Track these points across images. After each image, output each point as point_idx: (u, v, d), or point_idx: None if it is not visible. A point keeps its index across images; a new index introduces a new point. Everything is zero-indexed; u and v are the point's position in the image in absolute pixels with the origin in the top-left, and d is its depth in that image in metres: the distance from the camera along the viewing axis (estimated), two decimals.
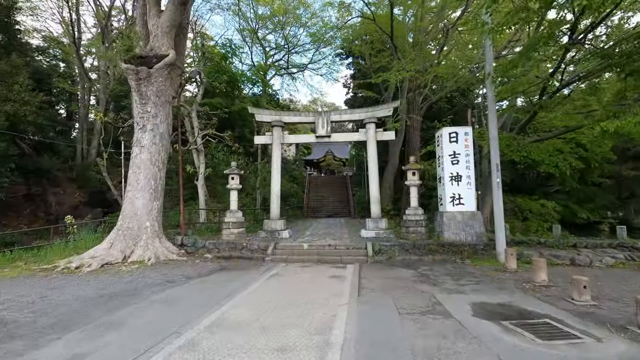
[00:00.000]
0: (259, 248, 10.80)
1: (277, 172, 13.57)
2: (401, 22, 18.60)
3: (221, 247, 11.00)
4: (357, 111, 13.53)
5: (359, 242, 11.08)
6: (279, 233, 12.79)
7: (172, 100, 11.49)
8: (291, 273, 8.34)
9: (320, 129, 13.42)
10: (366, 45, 24.98)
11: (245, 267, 9.33)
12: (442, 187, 11.26)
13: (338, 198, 29.91)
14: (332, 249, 10.57)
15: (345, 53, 35.02)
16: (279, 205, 13.52)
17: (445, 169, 11.02)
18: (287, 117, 13.71)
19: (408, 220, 11.50)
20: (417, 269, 8.71)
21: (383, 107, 13.38)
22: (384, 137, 13.43)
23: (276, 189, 13.50)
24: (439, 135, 11.61)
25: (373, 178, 13.12)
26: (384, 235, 12.32)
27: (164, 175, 11.23)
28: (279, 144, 13.62)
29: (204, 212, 14.65)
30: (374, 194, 13.02)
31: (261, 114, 13.76)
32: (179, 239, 11.29)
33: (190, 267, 9.21)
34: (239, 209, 13.78)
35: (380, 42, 22.78)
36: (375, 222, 12.66)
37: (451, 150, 11.04)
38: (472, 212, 10.78)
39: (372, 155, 13.21)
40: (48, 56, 31.99)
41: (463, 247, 10.21)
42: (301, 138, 14.39)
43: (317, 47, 38.22)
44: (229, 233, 11.86)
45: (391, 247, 10.44)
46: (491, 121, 9.90)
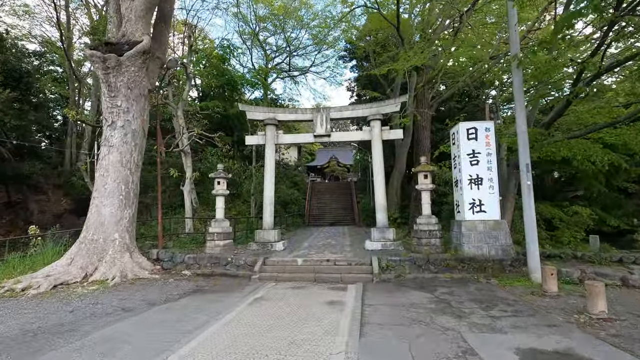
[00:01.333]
0: (246, 264, 9.26)
1: (271, 176, 12.09)
2: (408, 22, 17.23)
3: (202, 262, 9.48)
4: (360, 107, 12.04)
5: (363, 256, 9.50)
6: (271, 245, 11.25)
7: (149, 94, 10.10)
8: (278, 297, 6.78)
9: (319, 127, 11.94)
10: (370, 44, 23.70)
11: (226, 287, 7.78)
12: (459, 191, 9.68)
13: (341, 205, 28.32)
14: (331, 265, 8.98)
15: (349, 55, 33.80)
16: (272, 212, 12.00)
17: (463, 171, 9.45)
18: (281, 115, 12.26)
19: (420, 230, 9.90)
20: (433, 292, 7.10)
21: (389, 102, 11.88)
22: (391, 135, 11.90)
23: (269, 194, 12.00)
24: (454, 132, 10.06)
25: (379, 182, 11.57)
26: (392, 248, 10.72)
27: (138, 180, 9.79)
28: (272, 145, 12.15)
29: (190, 221, 13.15)
30: (380, 201, 11.46)
31: (253, 112, 12.32)
32: (155, 252, 9.80)
33: (160, 288, 7.68)
34: (230, 218, 12.33)
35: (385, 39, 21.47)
36: (382, 232, 11.08)
37: (470, 149, 9.47)
38: (495, 221, 9.16)
39: (377, 156, 11.68)
40: (45, 60, 31.23)
41: (487, 263, 8.58)
42: (298, 138, 12.90)
43: (320, 49, 37.09)
44: (214, 245, 10.35)
45: (401, 263, 8.85)
46: (519, 112, 8.33)
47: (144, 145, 10.00)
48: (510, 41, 8.81)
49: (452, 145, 10.36)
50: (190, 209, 13.35)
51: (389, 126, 12.13)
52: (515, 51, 8.41)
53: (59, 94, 26.94)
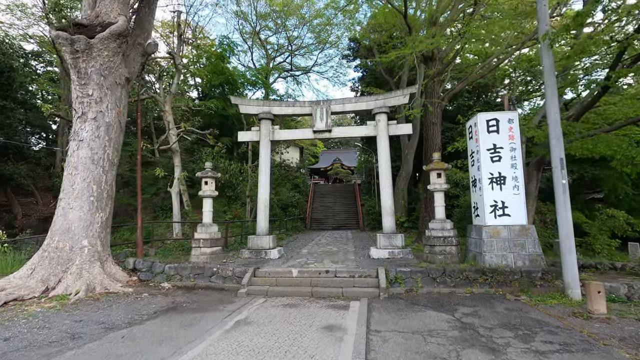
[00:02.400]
0: (234, 275, 8.09)
1: (266, 176, 10.94)
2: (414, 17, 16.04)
3: (185, 272, 8.32)
4: (364, 99, 10.87)
5: (368, 266, 8.28)
6: (266, 252, 10.08)
7: (128, 83, 9.02)
8: (265, 320, 5.59)
9: (319, 121, 10.79)
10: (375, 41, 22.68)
11: (207, 304, 6.61)
12: (478, 192, 8.44)
13: (345, 208, 27.11)
14: (331, 277, 7.77)
15: (353, 54, 32.83)
16: (267, 216, 10.83)
17: (483, 169, 8.22)
18: (277, 108, 11.13)
19: (433, 236, 8.67)
20: (454, 312, 5.87)
21: (397, 93, 10.70)
22: (399, 130, 10.71)
23: (264, 196, 10.85)
24: (471, 124, 8.85)
25: (385, 183, 10.37)
26: (401, 256, 9.51)
27: (113, 179, 8.68)
28: (268, 141, 11.01)
29: (178, 225, 12.01)
30: (387, 203, 10.25)
31: (246, 105, 11.21)
32: (131, 262, 8.65)
33: (128, 305, 6.53)
34: (225, 222, 11.21)
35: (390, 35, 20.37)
36: (389, 238, 9.87)
37: (490, 144, 8.25)
38: (521, 227, 7.90)
39: (383, 153, 10.48)
40: (42, 61, 30.48)
41: (512, 276, 7.32)
42: (295, 134, 11.74)
43: (322, 47, 36.12)
44: (200, 253, 9.19)
45: (412, 275, 7.62)
46: (550, 99, 7.11)
47: (120, 140, 8.89)
48: (538, 19, 7.59)
49: (468, 140, 9.15)
50: (178, 213, 12.22)
51: (395, 120, 10.94)
52: (545, 29, 7.20)
53: (57, 95, 26.15)
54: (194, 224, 14.92)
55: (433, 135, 13.51)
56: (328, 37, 34.03)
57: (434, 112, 13.67)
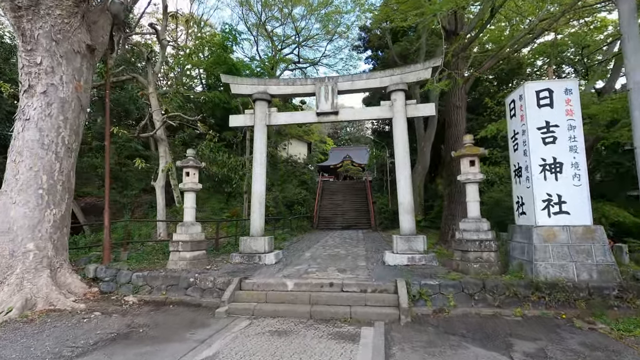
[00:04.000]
0: (215, 286, 6.46)
1: (261, 167, 9.29)
2: None
3: (156, 283, 6.73)
4: (377, 75, 9.11)
5: (384, 277, 6.56)
6: (260, 257, 8.45)
7: (93, 54, 7.45)
8: (244, 356, 3.93)
9: (323, 102, 9.08)
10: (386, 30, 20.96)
11: (172, 330, 4.99)
12: (524, 183, 6.62)
13: (355, 206, 25.35)
14: (336, 292, 6.06)
15: (363, 45, 31.07)
16: (262, 214, 9.19)
17: (532, 153, 6.39)
18: (274, 88, 9.46)
19: (465, 240, 6.87)
20: (509, 350, 4.11)
21: (416, 66, 8.92)
22: (419, 111, 8.92)
23: (259, 190, 9.21)
24: (514, 99, 7.02)
25: (403, 174, 8.61)
26: (423, 263, 7.75)
27: (72, 168, 7.15)
28: (263, 126, 9.36)
29: (163, 225, 10.46)
30: (405, 199, 8.49)
31: (238, 84, 9.57)
32: (92, 269, 7.09)
33: (67, 330, 4.94)
34: (211, 220, 9.64)
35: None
36: (408, 241, 8.12)
37: (542, 121, 6.41)
38: (585, 228, 6.05)
39: (400, 139, 8.73)
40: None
41: (578, 293, 5.51)
42: (295, 116, 10.00)
43: (331, 38, 34.37)
44: (178, 259, 7.59)
45: (442, 289, 5.87)
46: (632, 55, 5.26)
47: (81, 121, 7.34)
48: None
49: (508, 119, 7.32)
50: (163, 210, 10.68)
51: (415, 100, 9.16)
52: None
53: None
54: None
55: (457, 120, 11.65)
56: (337, 27, 32.29)
57: (458, 93, 11.82)
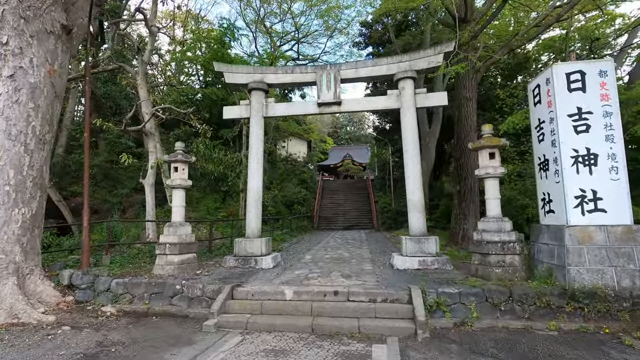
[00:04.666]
0: (204, 295, 5.72)
1: (258, 162, 8.56)
2: None
3: (138, 290, 5.99)
4: (383, 61, 8.36)
5: (394, 283, 5.82)
6: (256, 260, 7.71)
7: (68, 35, 6.71)
8: None
9: (325, 91, 8.34)
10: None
11: (150, 349, 4.24)
12: (552, 178, 5.88)
13: (357, 205, 24.63)
14: (341, 302, 5.32)
15: (364, 42, 30.39)
16: (259, 214, 8.45)
17: (563, 143, 5.64)
18: (272, 76, 8.72)
19: (486, 241, 6.13)
20: None
21: (427, 52, 8.17)
22: (429, 101, 8.18)
23: (255, 187, 8.47)
24: (539, 84, 6.28)
25: (413, 169, 7.89)
26: (435, 267, 7.03)
27: (45, 163, 6.41)
28: (260, 118, 8.61)
29: (152, 225, 9.72)
30: (415, 196, 7.76)
31: (233, 73, 8.82)
32: (66, 275, 6.33)
33: (25, 351, 4.20)
34: (205, 220, 8.89)
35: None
36: (419, 242, 7.39)
37: (572, 107, 5.66)
38: (625, 228, 5.30)
39: (409, 131, 8.00)
40: None
41: (621, 303, 4.77)
42: (294, 107, 9.19)
43: (331, 34, 33.64)
44: (165, 263, 6.85)
45: (462, 298, 5.13)
46: None
47: (55, 110, 6.59)
48: None
49: (532, 107, 6.58)
50: (152, 210, 9.93)
51: (425, 89, 8.42)
52: None
53: None
54: None
55: (467, 113, 10.92)
56: (337, 22, 31.58)
57: (469, 85, 11.09)
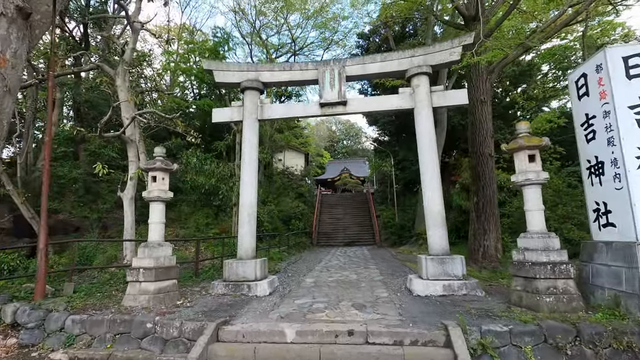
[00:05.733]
0: (182, 335, 4.49)
1: (251, 171, 7.45)
2: None
3: (99, 330, 4.74)
4: (394, 56, 7.40)
5: (420, 315, 4.64)
6: (249, 287, 6.51)
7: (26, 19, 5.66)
8: None
9: (328, 90, 7.34)
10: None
11: None
12: (611, 184, 4.81)
13: (357, 220, 23.46)
14: (358, 345, 4.10)
15: (361, 54, 29.95)
16: (253, 230, 7.28)
17: (625, 140, 4.59)
18: (268, 74, 7.71)
19: (530, 263, 4.99)
20: None
21: (443, 45, 7.22)
22: (447, 100, 7.17)
23: (249, 199, 7.32)
24: (585, 72, 5.29)
25: (431, 177, 6.83)
26: (464, 293, 5.90)
27: None
28: (254, 121, 7.55)
29: (131, 245, 8.47)
30: (435, 207, 6.66)
31: (224, 71, 7.80)
32: (9, 311, 5.07)
33: None
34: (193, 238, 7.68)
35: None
36: (442, 263, 6.24)
37: (634, 97, 4.66)
38: None
39: (425, 133, 6.98)
40: None
41: None
42: (294, 109, 8.01)
43: (327, 46, 33.18)
44: (138, 292, 5.62)
45: (513, 338, 3.97)
46: None
47: (6, 107, 5.46)
48: None
49: (576, 101, 5.59)
50: (132, 227, 8.70)
51: (441, 86, 7.43)
52: None
53: None
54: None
55: (482, 117, 9.97)
56: (334, 34, 31.15)
57: (483, 87, 10.18)
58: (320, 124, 65.64)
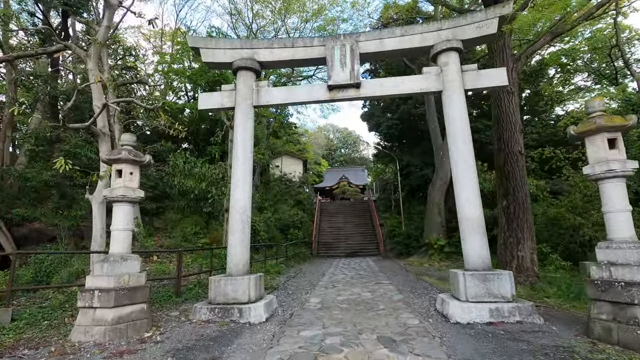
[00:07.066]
0: None
1: (245, 168, 6.12)
2: None
3: None
4: (415, 30, 6.19)
5: (468, 354, 3.31)
6: (241, 311, 5.13)
7: None
8: None
9: (338, 69, 6.09)
10: None
11: None
12: None
13: (359, 229, 22.07)
14: None
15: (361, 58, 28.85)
16: (247, 240, 5.92)
17: None
18: (266, 52, 6.45)
19: (623, 283, 3.68)
20: None
21: (476, 16, 6.04)
22: (483, 80, 5.93)
23: (242, 201, 5.97)
24: None
25: (466, 171, 5.54)
26: (517, 320, 4.58)
27: None
28: (249, 107, 6.27)
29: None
30: (473, 210, 5.36)
31: (212, 49, 6.53)
32: None
33: None
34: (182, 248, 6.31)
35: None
36: (484, 280, 4.91)
37: None
38: None
39: (457, 120, 5.73)
40: None
41: None
42: (297, 93, 6.62)
43: None
44: (92, 322, 4.22)
45: None
46: None
47: None
48: None
49: None
50: (102, 236, 7.28)
51: (475, 65, 6.20)
52: None
53: None
54: (145, 255, 9.95)
55: (509, 110, 8.75)
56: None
57: (510, 77, 8.95)
58: (318, 131, 64.64)
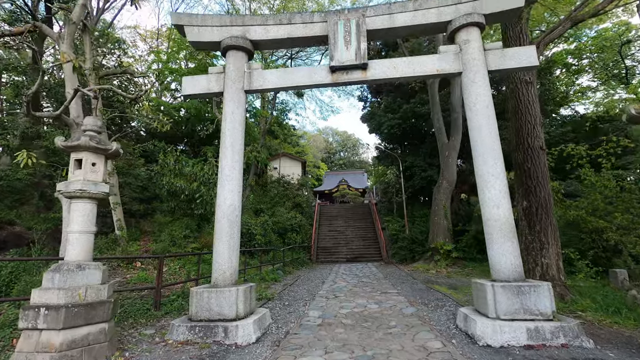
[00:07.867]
0: None
1: (235, 163, 5.29)
2: None
3: None
4: (430, 3, 5.41)
5: None
6: (226, 330, 4.27)
7: None
8: None
9: (342, 48, 5.29)
10: None
11: None
12: None
13: (360, 233, 21.19)
14: None
15: None
16: (236, 245, 5.08)
17: None
18: (259, 29, 5.66)
19: None
20: None
21: None
22: (509, 61, 5.12)
23: (230, 199, 5.15)
24: None
25: (490, 166, 4.71)
26: (562, 342, 3.75)
27: None
28: (239, 92, 5.45)
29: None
30: (502, 210, 4.53)
31: (198, 27, 5.73)
32: None
33: None
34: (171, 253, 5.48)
35: None
36: (518, 293, 4.08)
37: None
38: None
39: (481, 105, 4.91)
40: None
41: None
42: (294, 76, 5.75)
43: (326, 49, 31.72)
44: (36, 348, 3.37)
45: None
46: None
47: None
48: None
49: None
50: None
51: (499, 43, 5.40)
52: None
53: None
54: (128, 261, 9.07)
55: (528, 101, 7.95)
56: None
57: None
58: (317, 134, 63.91)
